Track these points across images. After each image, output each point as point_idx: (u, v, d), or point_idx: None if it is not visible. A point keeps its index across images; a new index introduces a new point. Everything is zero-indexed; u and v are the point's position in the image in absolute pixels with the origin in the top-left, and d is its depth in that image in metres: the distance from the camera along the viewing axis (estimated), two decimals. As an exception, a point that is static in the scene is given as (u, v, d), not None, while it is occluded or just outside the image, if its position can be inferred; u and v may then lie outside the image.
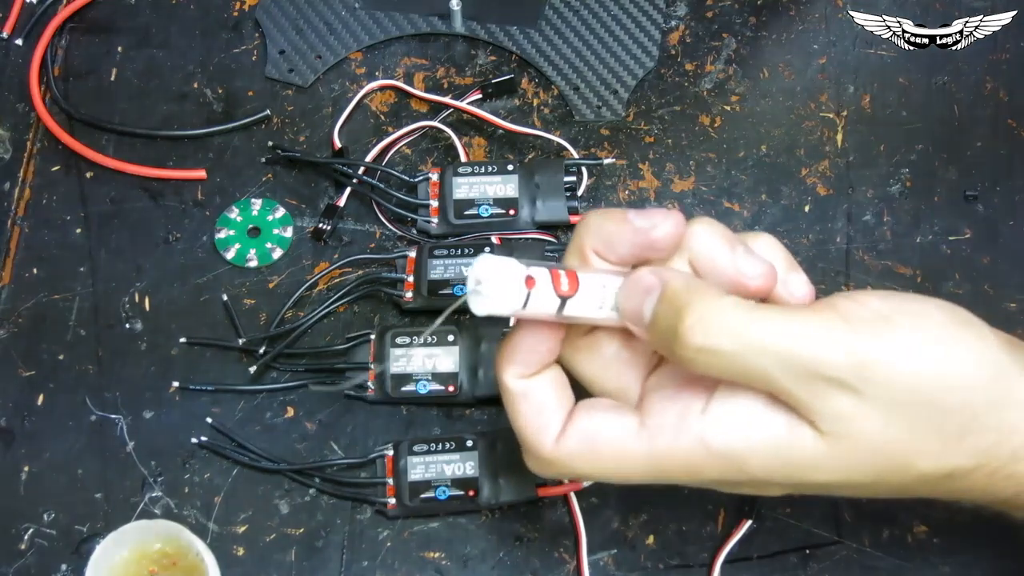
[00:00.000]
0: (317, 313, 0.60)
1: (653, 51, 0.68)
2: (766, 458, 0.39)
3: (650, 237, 0.41)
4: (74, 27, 0.71)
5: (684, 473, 0.40)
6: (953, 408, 0.39)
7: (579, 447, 0.41)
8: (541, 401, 0.42)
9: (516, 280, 0.38)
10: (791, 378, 0.38)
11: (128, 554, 0.52)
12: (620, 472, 0.41)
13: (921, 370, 0.38)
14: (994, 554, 0.54)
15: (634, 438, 0.40)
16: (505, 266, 0.38)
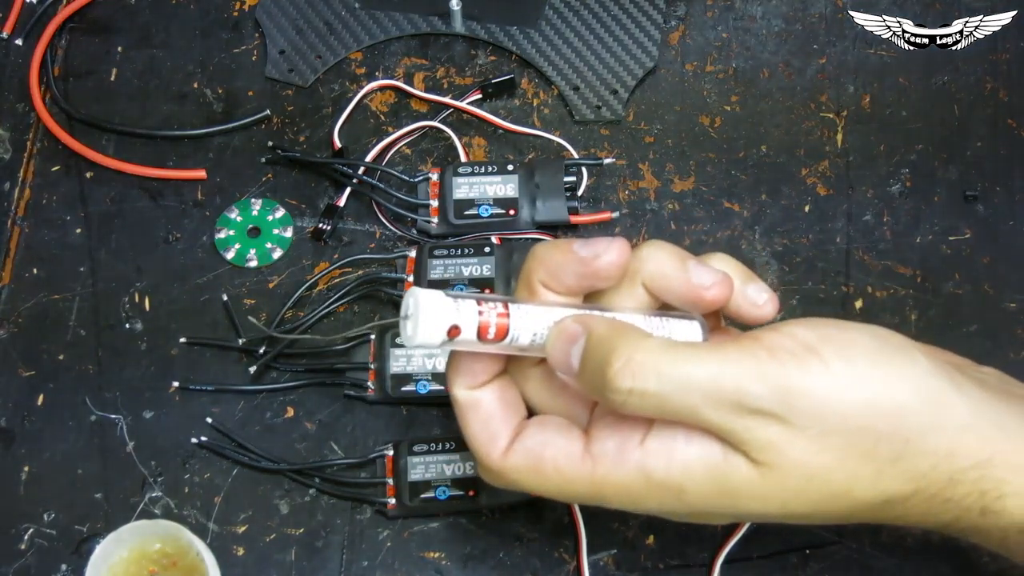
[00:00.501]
0: (317, 313, 0.60)
1: (653, 51, 0.68)
2: (704, 487, 0.40)
3: (593, 267, 0.42)
4: (74, 27, 0.71)
5: (626, 500, 0.41)
6: (884, 434, 0.39)
7: (524, 462, 0.42)
8: (489, 413, 0.43)
9: (441, 322, 0.39)
10: (718, 413, 0.38)
11: (128, 554, 0.52)
12: (563, 492, 0.42)
13: (847, 397, 0.39)
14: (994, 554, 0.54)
15: (578, 462, 0.41)
16: (432, 306, 0.39)
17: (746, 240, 0.63)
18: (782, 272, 0.62)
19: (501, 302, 0.41)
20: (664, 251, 0.42)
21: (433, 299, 0.39)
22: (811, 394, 0.38)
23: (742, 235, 0.63)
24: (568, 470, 0.41)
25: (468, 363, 0.43)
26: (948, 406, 0.40)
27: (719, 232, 0.63)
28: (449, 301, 0.39)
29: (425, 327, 0.39)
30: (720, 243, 0.63)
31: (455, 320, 0.39)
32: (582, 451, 0.41)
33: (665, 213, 0.64)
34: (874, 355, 0.40)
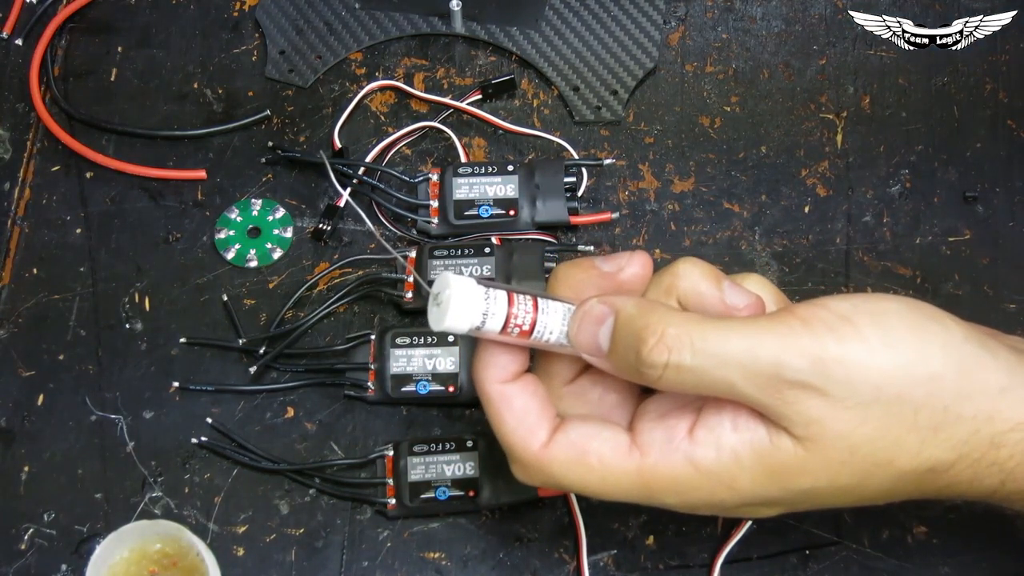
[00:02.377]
0: (317, 313, 0.60)
1: (653, 51, 0.68)
2: (754, 472, 0.40)
3: (617, 280, 0.42)
4: (74, 27, 0.71)
5: (673, 493, 0.41)
6: (923, 402, 0.39)
7: (567, 454, 0.41)
8: (525, 407, 0.42)
9: (472, 311, 0.39)
10: (755, 386, 0.38)
11: (128, 554, 0.52)
12: (607, 486, 0.41)
13: (884, 366, 0.39)
14: (994, 554, 0.54)
15: (624, 453, 0.41)
16: (465, 294, 0.39)
17: (746, 241, 0.63)
18: (782, 273, 0.62)
19: (531, 296, 0.41)
20: (699, 269, 0.42)
21: (466, 287, 0.39)
22: (847, 364, 0.38)
23: (742, 236, 0.63)
24: (614, 462, 0.41)
25: (498, 356, 0.42)
26: (984, 370, 0.40)
27: (719, 233, 0.63)
28: (481, 290, 0.40)
29: (455, 314, 0.39)
30: (720, 244, 0.63)
31: (485, 310, 0.39)
32: (629, 443, 0.41)
33: (665, 214, 0.64)
34: (908, 324, 0.40)
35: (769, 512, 0.43)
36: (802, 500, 0.41)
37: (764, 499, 0.41)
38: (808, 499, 0.41)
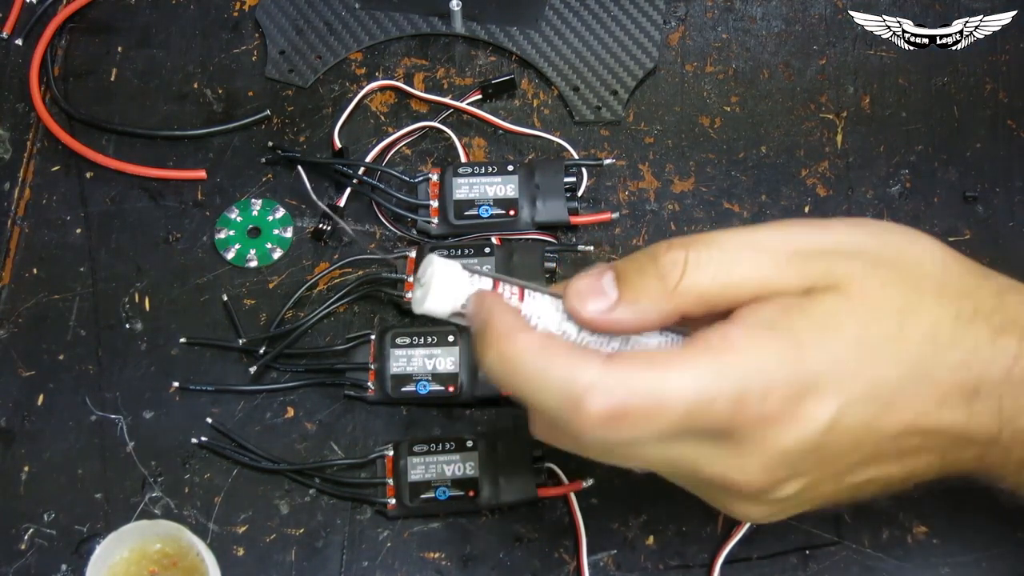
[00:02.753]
0: (317, 313, 0.60)
1: (653, 51, 0.68)
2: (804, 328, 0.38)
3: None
4: (74, 27, 0.71)
5: (754, 364, 0.37)
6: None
7: (634, 360, 0.37)
8: (568, 344, 0.39)
9: (453, 294, 0.39)
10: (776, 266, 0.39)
11: (128, 554, 0.52)
12: (681, 382, 0.37)
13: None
14: (994, 554, 0.54)
15: (691, 343, 0.38)
16: (448, 277, 0.39)
17: (746, 240, 0.63)
18: (782, 272, 0.62)
19: (519, 287, 0.40)
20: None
21: (449, 270, 0.39)
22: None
23: (742, 235, 0.63)
24: (689, 352, 0.37)
25: (517, 316, 0.39)
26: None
27: (719, 232, 0.63)
28: (465, 275, 0.39)
29: (436, 296, 0.39)
30: (720, 243, 0.63)
31: (468, 294, 0.39)
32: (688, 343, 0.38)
33: (665, 214, 0.64)
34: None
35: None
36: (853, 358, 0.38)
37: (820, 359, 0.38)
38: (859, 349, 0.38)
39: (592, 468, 0.55)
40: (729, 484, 0.39)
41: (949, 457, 0.40)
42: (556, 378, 0.37)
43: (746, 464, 0.38)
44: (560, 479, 0.55)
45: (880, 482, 0.41)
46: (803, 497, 0.40)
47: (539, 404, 0.38)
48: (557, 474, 0.55)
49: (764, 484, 0.39)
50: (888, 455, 0.39)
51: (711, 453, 0.38)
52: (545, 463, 0.55)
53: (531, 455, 0.55)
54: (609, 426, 0.36)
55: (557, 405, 0.37)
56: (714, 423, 0.37)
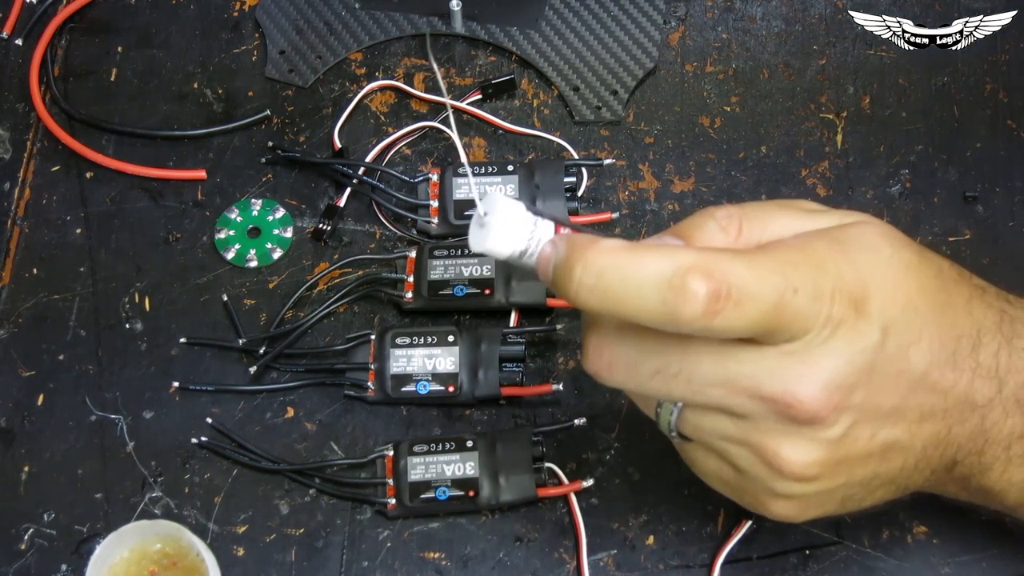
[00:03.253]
0: (317, 313, 0.60)
1: (653, 51, 0.68)
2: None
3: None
4: (74, 27, 0.71)
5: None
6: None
7: (724, 254, 0.38)
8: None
9: (516, 236, 0.38)
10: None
11: (128, 554, 0.52)
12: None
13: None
14: (994, 554, 0.54)
15: (764, 248, 0.40)
16: (516, 212, 0.38)
17: (746, 240, 0.63)
18: (782, 272, 0.62)
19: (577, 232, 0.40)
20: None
21: (514, 210, 0.38)
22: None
23: (742, 235, 0.63)
24: (770, 249, 0.39)
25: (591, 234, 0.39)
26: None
27: (719, 232, 0.63)
28: (529, 217, 0.39)
29: (498, 236, 0.38)
30: (720, 243, 0.63)
31: (531, 236, 0.39)
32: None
33: (665, 214, 0.64)
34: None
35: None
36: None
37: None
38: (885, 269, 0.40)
39: (592, 468, 0.56)
40: (789, 402, 0.38)
41: (955, 430, 0.42)
42: (655, 267, 0.36)
43: (808, 375, 0.38)
44: (560, 479, 0.55)
45: (901, 452, 0.42)
46: (844, 449, 0.40)
47: (639, 301, 0.37)
48: (557, 474, 0.55)
49: (820, 407, 0.38)
50: (912, 408, 0.41)
51: (777, 363, 0.38)
52: (545, 463, 0.55)
53: (531, 455, 0.55)
54: (713, 310, 0.36)
55: (660, 295, 0.36)
56: (792, 318, 0.37)
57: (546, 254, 0.39)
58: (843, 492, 0.42)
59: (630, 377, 0.40)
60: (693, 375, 0.39)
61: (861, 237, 0.40)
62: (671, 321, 0.37)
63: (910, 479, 0.43)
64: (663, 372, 0.39)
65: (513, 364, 0.57)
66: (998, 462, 0.43)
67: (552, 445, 0.56)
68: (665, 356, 0.39)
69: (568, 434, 0.57)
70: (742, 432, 0.40)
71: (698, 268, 0.36)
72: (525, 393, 0.57)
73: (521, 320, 0.60)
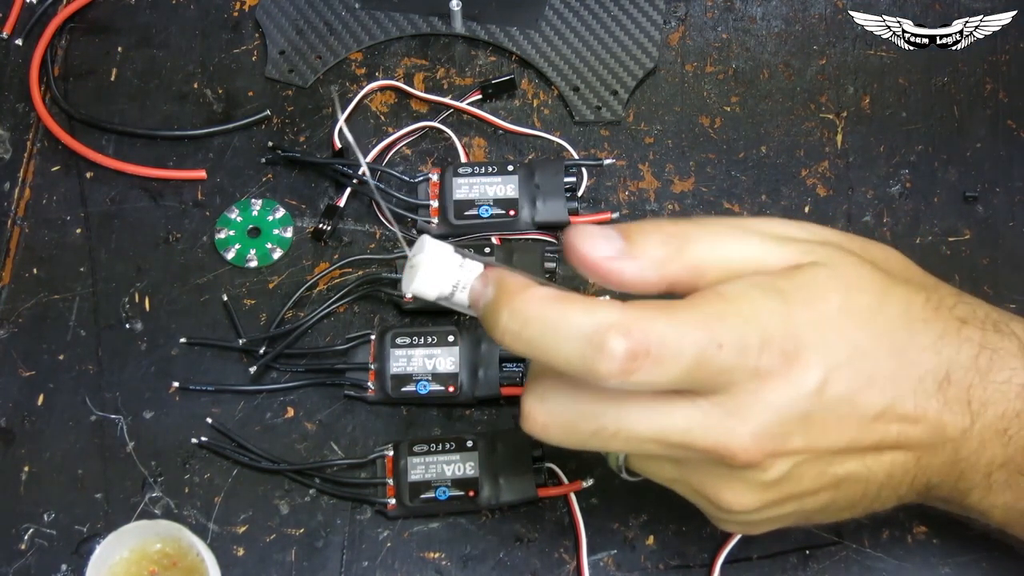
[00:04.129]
0: (317, 313, 0.60)
1: (653, 51, 0.68)
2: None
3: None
4: (74, 27, 0.71)
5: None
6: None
7: (648, 308, 0.38)
8: (581, 295, 0.40)
9: (442, 278, 0.39)
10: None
11: (128, 554, 0.52)
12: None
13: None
14: (994, 554, 0.54)
15: (692, 300, 0.40)
16: (437, 260, 0.39)
17: (746, 240, 0.63)
18: (782, 272, 0.62)
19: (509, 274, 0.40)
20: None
21: (439, 253, 0.39)
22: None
23: (742, 235, 0.63)
24: (696, 302, 0.39)
25: (523, 278, 0.39)
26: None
27: (719, 232, 0.63)
28: (456, 259, 0.39)
29: (424, 279, 0.39)
30: (720, 243, 0.63)
31: (456, 280, 0.39)
32: None
33: (665, 214, 0.64)
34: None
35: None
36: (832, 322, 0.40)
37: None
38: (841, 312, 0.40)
39: (592, 468, 0.56)
40: (722, 453, 0.39)
41: (924, 460, 0.42)
42: (576, 322, 0.37)
43: (739, 427, 0.38)
44: (560, 479, 0.55)
45: (860, 483, 0.42)
46: (788, 488, 0.41)
47: (558, 354, 0.37)
48: (557, 474, 0.55)
49: (752, 456, 0.39)
50: (868, 444, 0.40)
51: (706, 416, 0.39)
52: (545, 463, 0.55)
53: (531, 455, 0.55)
54: (630, 368, 0.36)
55: (579, 350, 0.37)
56: (717, 372, 0.38)
57: (476, 291, 0.40)
58: (796, 516, 0.43)
59: (568, 438, 0.41)
60: (630, 434, 0.39)
61: (808, 286, 0.39)
62: (591, 376, 0.37)
63: (876, 501, 0.43)
64: (599, 433, 0.40)
65: (513, 364, 0.57)
66: (977, 488, 0.43)
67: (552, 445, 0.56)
68: (601, 417, 0.39)
69: (568, 434, 0.57)
70: (683, 476, 0.42)
71: (618, 327, 0.36)
72: (525, 393, 0.57)
73: (521, 320, 0.60)
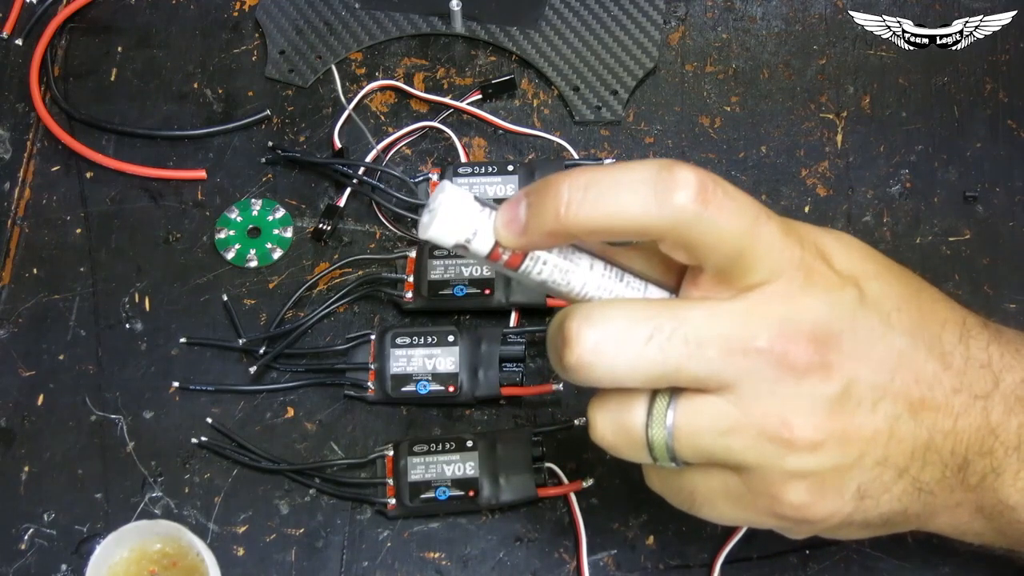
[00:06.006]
0: (317, 313, 0.60)
1: (653, 51, 0.68)
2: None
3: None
4: (74, 27, 0.71)
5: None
6: None
7: None
8: None
9: (460, 225, 0.38)
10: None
11: (128, 554, 0.52)
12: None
13: None
14: (994, 554, 0.54)
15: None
16: (456, 206, 0.37)
17: (746, 240, 0.63)
18: (782, 272, 0.62)
19: None
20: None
21: (460, 198, 0.37)
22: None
23: (742, 235, 0.63)
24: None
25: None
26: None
27: (719, 232, 0.63)
28: (475, 205, 0.38)
29: (442, 224, 0.37)
30: (720, 243, 0.63)
31: (476, 227, 0.38)
32: None
33: (665, 213, 0.64)
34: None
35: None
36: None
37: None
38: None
39: (592, 468, 0.56)
40: (784, 346, 0.38)
41: (960, 422, 0.40)
42: (641, 168, 0.37)
43: (795, 317, 0.38)
44: (560, 479, 0.55)
45: (908, 436, 0.40)
46: (848, 416, 0.39)
47: (632, 199, 0.37)
48: (557, 474, 0.55)
49: (814, 350, 0.38)
50: (909, 390, 0.40)
51: (763, 307, 0.38)
52: (545, 463, 0.55)
53: (531, 455, 0.55)
54: (704, 198, 0.37)
55: (650, 188, 0.37)
56: (767, 247, 0.38)
57: (509, 205, 0.38)
58: (858, 476, 0.40)
59: (621, 351, 0.38)
60: (688, 332, 0.38)
61: (819, 228, 0.40)
62: (666, 211, 0.37)
63: (923, 472, 0.41)
64: (657, 335, 0.38)
65: (513, 364, 0.57)
66: (1010, 465, 0.42)
67: (552, 445, 0.56)
68: (656, 317, 0.38)
69: (568, 434, 0.57)
70: (743, 411, 0.39)
71: (683, 164, 0.37)
72: (525, 393, 0.57)
73: (521, 320, 0.60)
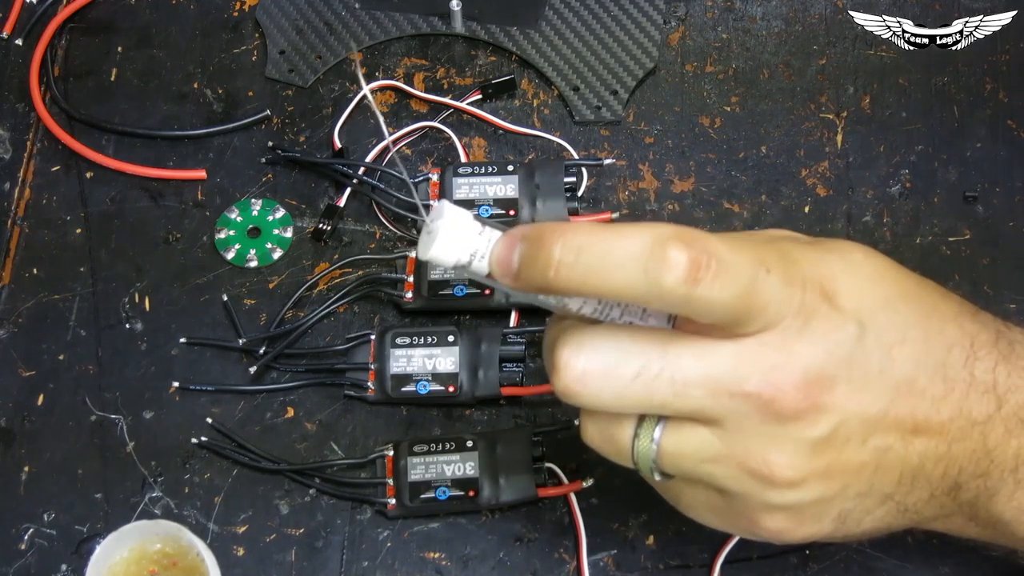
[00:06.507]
0: (317, 313, 0.60)
1: (653, 51, 0.68)
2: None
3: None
4: (74, 27, 0.71)
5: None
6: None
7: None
8: None
9: (459, 245, 0.38)
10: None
11: (128, 554, 0.52)
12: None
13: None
14: (994, 554, 0.54)
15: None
16: (456, 226, 0.38)
17: (746, 240, 0.63)
18: (782, 272, 0.62)
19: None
20: None
21: (459, 219, 0.38)
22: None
23: (742, 235, 0.63)
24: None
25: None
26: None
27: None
28: (475, 226, 0.38)
29: (442, 245, 0.37)
30: (720, 243, 0.63)
31: (475, 248, 0.38)
32: None
33: (665, 214, 0.64)
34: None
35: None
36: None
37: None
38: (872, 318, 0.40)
39: (592, 468, 0.56)
40: (772, 394, 0.38)
41: (955, 447, 0.40)
42: (635, 238, 0.36)
43: (787, 365, 0.38)
44: (560, 479, 0.55)
45: (896, 464, 0.40)
46: (833, 453, 0.39)
47: (621, 274, 0.36)
48: (557, 474, 0.55)
49: (803, 398, 0.38)
50: (903, 419, 0.39)
51: (754, 355, 0.38)
52: (545, 463, 0.55)
53: (531, 455, 0.55)
54: (695, 277, 0.35)
55: (641, 265, 0.36)
56: (766, 302, 0.37)
57: (505, 245, 0.38)
58: (839, 505, 0.41)
59: (608, 383, 0.38)
60: (675, 373, 0.38)
61: (832, 243, 0.40)
62: (654, 290, 0.36)
63: (909, 496, 0.41)
64: (644, 373, 0.38)
65: (513, 364, 0.57)
66: (1005, 486, 0.41)
67: (552, 445, 0.56)
68: (645, 355, 0.38)
69: (568, 434, 0.57)
70: (726, 445, 0.39)
71: (677, 238, 0.35)
72: (525, 393, 0.58)
73: (521, 320, 0.60)
